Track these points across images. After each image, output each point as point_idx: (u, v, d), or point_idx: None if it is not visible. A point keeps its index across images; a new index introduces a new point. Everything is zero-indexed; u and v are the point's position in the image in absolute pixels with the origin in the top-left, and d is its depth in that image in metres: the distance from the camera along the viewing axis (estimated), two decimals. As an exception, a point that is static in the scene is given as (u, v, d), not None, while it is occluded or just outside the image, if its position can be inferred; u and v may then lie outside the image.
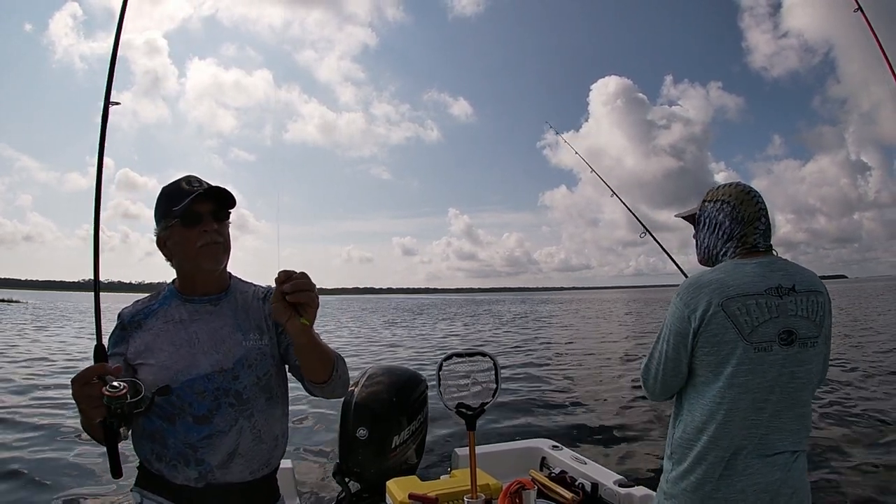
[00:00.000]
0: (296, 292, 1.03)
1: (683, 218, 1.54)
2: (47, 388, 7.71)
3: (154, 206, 1.29)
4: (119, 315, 1.30)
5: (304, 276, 1.04)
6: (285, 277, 1.04)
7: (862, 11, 1.91)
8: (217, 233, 1.27)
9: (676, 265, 1.86)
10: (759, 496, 1.22)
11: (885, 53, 1.81)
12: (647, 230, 2.06)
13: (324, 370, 1.21)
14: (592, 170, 2.46)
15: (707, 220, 1.41)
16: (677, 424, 1.34)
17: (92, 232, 1.28)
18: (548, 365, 10.40)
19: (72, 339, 15.57)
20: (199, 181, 1.27)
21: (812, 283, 1.30)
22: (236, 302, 1.33)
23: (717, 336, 1.24)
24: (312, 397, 1.34)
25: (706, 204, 1.42)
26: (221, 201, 1.28)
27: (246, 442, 1.23)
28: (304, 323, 1.07)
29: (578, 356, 11.94)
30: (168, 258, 1.31)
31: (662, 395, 1.39)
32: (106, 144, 1.33)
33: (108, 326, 1.28)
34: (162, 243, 1.29)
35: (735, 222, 1.34)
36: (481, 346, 14.13)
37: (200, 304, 1.29)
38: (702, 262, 1.44)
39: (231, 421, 1.21)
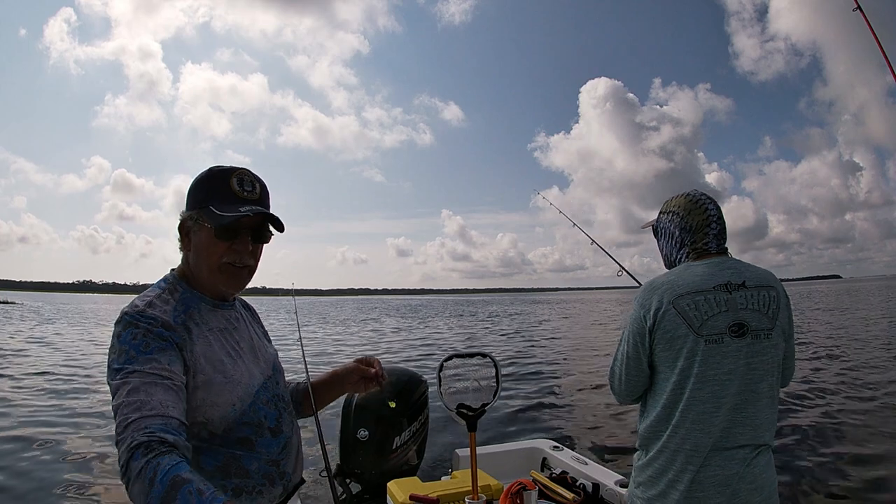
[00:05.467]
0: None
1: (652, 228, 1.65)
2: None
3: (190, 190, 1.12)
4: (147, 316, 1.01)
5: (379, 362, 1.40)
6: (374, 363, 1.40)
7: (861, 10, 1.90)
8: (250, 254, 1.13)
9: (625, 271, 1.92)
10: (718, 489, 1.26)
11: (884, 52, 1.81)
12: (600, 245, 2.09)
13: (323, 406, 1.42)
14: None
15: (662, 231, 1.52)
16: (643, 418, 1.42)
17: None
18: (548, 365, 10.40)
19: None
20: (253, 184, 1.11)
21: (764, 278, 1.37)
22: (241, 307, 1.26)
23: (670, 332, 1.31)
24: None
25: (661, 216, 1.53)
26: (268, 219, 1.14)
27: (298, 439, 1.24)
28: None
29: (578, 356, 11.96)
30: (184, 248, 1.13)
31: (628, 396, 1.46)
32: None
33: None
34: (184, 230, 1.12)
35: (684, 231, 1.45)
36: (481, 347, 14.13)
37: (225, 309, 1.17)
38: (667, 267, 1.54)
39: (290, 424, 1.21)
